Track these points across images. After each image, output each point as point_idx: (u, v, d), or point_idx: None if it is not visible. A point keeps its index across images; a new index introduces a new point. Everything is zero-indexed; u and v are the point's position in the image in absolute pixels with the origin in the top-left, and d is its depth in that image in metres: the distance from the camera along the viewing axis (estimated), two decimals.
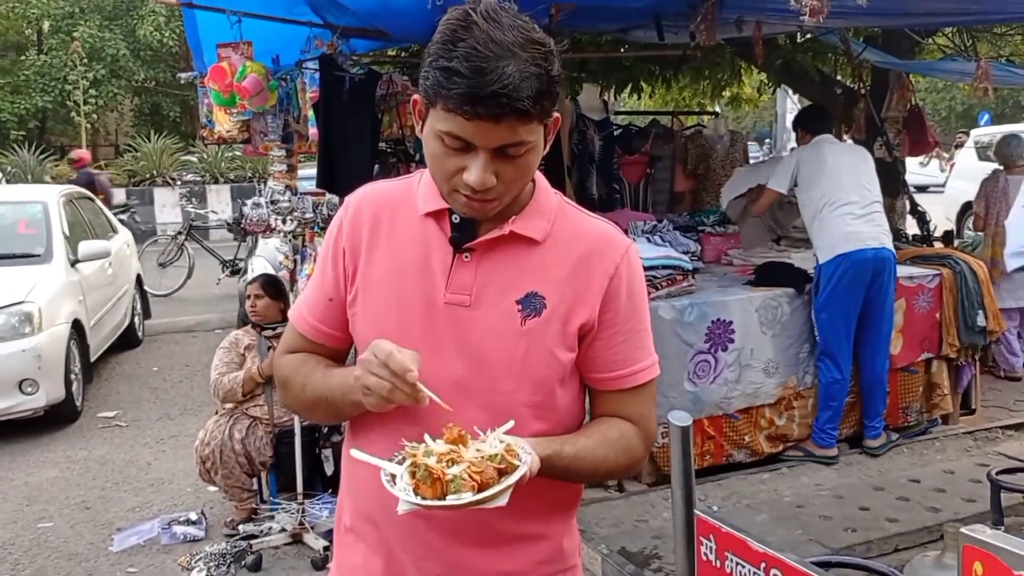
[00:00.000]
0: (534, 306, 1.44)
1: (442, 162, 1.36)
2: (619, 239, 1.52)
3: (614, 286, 1.47)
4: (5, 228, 7.29)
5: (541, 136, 1.38)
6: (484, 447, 1.29)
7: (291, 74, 5.63)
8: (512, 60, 1.26)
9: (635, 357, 1.51)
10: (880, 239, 4.71)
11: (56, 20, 20.86)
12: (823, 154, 4.87)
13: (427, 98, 1.34)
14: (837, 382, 4.74)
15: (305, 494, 4.29)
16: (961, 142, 16.57)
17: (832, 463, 4.77)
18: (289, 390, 1.59)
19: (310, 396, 1.53)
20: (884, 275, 4.71)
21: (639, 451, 1.53)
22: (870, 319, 4.78)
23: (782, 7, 4.01)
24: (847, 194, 4.72)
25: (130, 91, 22.44)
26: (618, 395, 1.52)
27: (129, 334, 8.36)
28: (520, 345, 1.43)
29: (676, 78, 8.34)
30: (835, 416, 4.81)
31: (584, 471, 1.48)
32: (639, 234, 5.24)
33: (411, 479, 1.27)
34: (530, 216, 1.47)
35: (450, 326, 1.44)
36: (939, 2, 4.98)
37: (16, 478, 5.24)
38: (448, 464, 1.26)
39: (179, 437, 5.83)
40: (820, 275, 4.73)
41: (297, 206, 4.46)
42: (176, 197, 17.46)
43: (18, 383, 5.76)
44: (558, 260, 1.46)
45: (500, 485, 1.25)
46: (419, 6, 4.18)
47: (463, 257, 1.45)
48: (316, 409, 1.57)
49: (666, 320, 4.43)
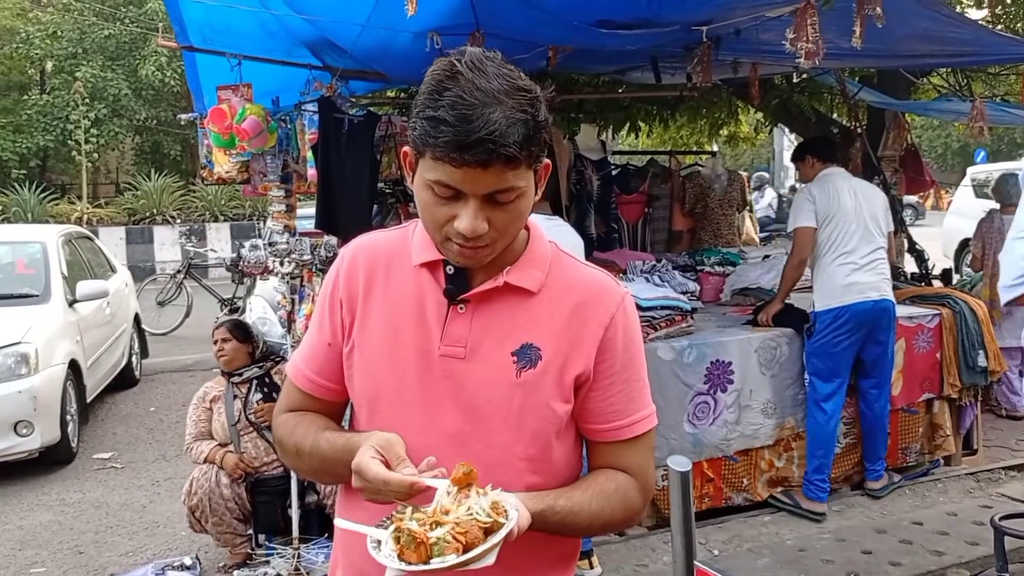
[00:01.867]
0: (529, 358, 1.43)
1: (433, 212, 1.36)
2: (614, 288, 1.51)
3: (609, 336, 1.46)
4: (3, 268, 7.30)
5: (531, 182, 1.38)
6: (471, 505, 1.27)
7: (290, 115, 5.66)
8: (498, 107, 1.27)
9: (632, 408, 1.49)
10: (880, 288, 4.66)
11: (59, 60, 21.04)
12: (838, 192, 4.73)
13: (416, 148, 1.35)
14: (823, 427, 4.63)
15: (300, 538, 4.24)
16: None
17: (818, 520, 4.60)
18: (285, 454, 1.61)
19: (307, 463, 1.54)
20: (884, 322, 4.67)
21: (637, 504, 1.51)
22: (871, 363, 4.74)
23: (778, 49, 4.04)
24: (852, 241, 4.64)
25: (131, 130, 22.56)
26: (615, 446, 1.50)
27: (126, 373, 8.32)
28: (516, 397, 1.42)
29: (673, 117, 8.38)
30: (823, 467, 4.66)
31: (579, 525, 1.45)
32: (638, 274, 5.24)
33: (396, 544, 1.24)
34: (524, 266, 1.46)
35: (445, 379, 1.43)
36: (934, 44, 5.01)
37: (9, 521, 5.18)
38: (432, 527, 1.24)
39: (174, 479, 5.77)
40: (816, 321, 4.67)
41: (295, 248, 4.46)
42: (176, 235, 17.50)
43: (13, 425, 5.71)
44: (553, 311, 1.45)
45: (485, 545, 1.23)
46: (418, 49, 4.22)
47: (458, 308, 1.44)
48: (316, 473, 1.60)
49: (665, 361, 4.42)
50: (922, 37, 4.78)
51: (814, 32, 3.71)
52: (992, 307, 5.86)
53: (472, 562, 1.22)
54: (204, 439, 4.34)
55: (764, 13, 4.19)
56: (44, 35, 20.83)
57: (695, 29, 4.38)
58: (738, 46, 4.78)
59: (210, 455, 4.23)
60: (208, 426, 4.37)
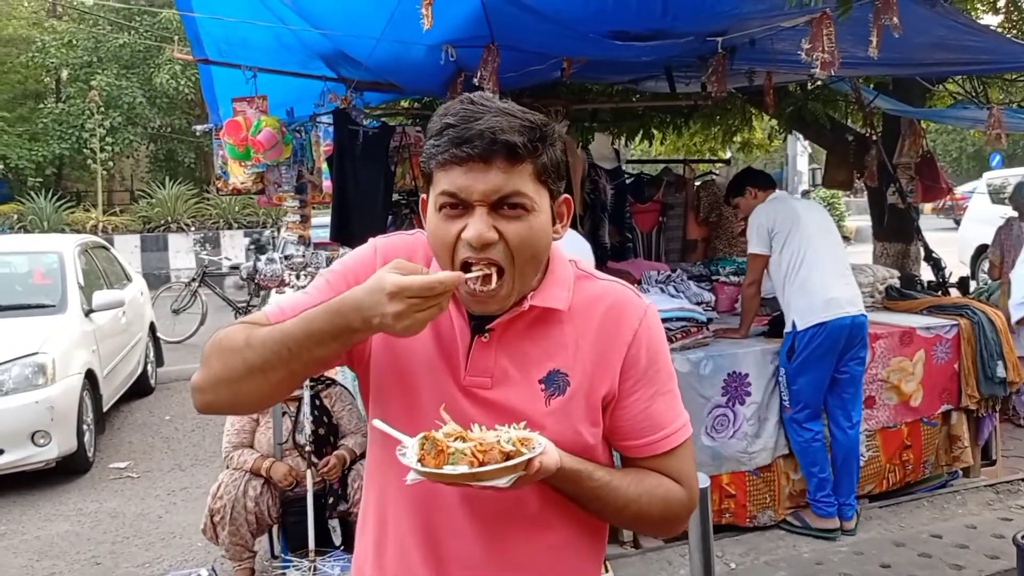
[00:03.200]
0: (557, 384, 1.41)
1: (443, 235, 1.34)
2: (636, 303, 1.48)
3: (632, 353, 1.44)
4: (21, 278, 7.35)
5: (545, 201, 1.37)
6: (501, 433, 1.30)
7: (305, 126, 5.69)
8: (503, 116, 1.31)
9: (664, 420, 1.47)
10: (856, 303, 4.53)
11: (75, 69, 21.23)
12: (790, 207, 4.64)
13: (426, 170, 1.37)
14: (811, 443, 4.50)
15: (317, 551, 4.24)
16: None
17: (831, 537, 4.50)
18: (222, 349, 1.38)
19: (249, 356, 1.34)
20: (858, 340, 4.52)
21: (678, 505, 1.47)
22: (844, 381, 4.56)
23: (793, 59, 4.03)
24: (822, 254, 4.52)
25: (146, 138, 22.74)
26: (651, 460, 1.48)
27: (142, 382, 8.36)
28: (546, 426, 1.39)
29: (687, 125, 8.37)
30: (823, 483, 4.52)
31: (615, 503, 1.42)
32: (652, 284, 5.23)
33: (419, 451, 1.28)
34: (549, 288, 1.44)
35: (471, 408, 1.41)
36: (950, 52, 4.98)
37: (27, 532, 5.20)
38: (456, 440, 1.28)
39: (190, 489, 5.79)
40: (795, 341, 4.50)
41: (311, 261, 4.48)
42: (190, 243, 17.59)
43: (30, 435, 5.75)
44: (577, 333, 1.44)
45: (500, 464, 1.24)
46: (432, 61, 4.23)
47: (482, 338, 1.42)
48: (255, 371, 1.33)
49: (682, 373, 4.39)
50: (939, 45, 4.75)
51: (830, 42, 3.69)
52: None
53: (484, 477, 1.24)
54: (245, 448, 4.33)
55: (779, 23, 4.18)
56: (60, 44, 21.04)
57: (710, 39, 4.37)
58: (753, 56, 4.76)
59: (255, 465, 4.21)
60: (250, 437, 4.34)
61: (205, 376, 1.39)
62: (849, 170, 7.43)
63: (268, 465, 4.18)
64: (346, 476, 4.30)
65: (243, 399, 1.39)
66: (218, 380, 1.38)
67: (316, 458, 4.23)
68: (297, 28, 4.68)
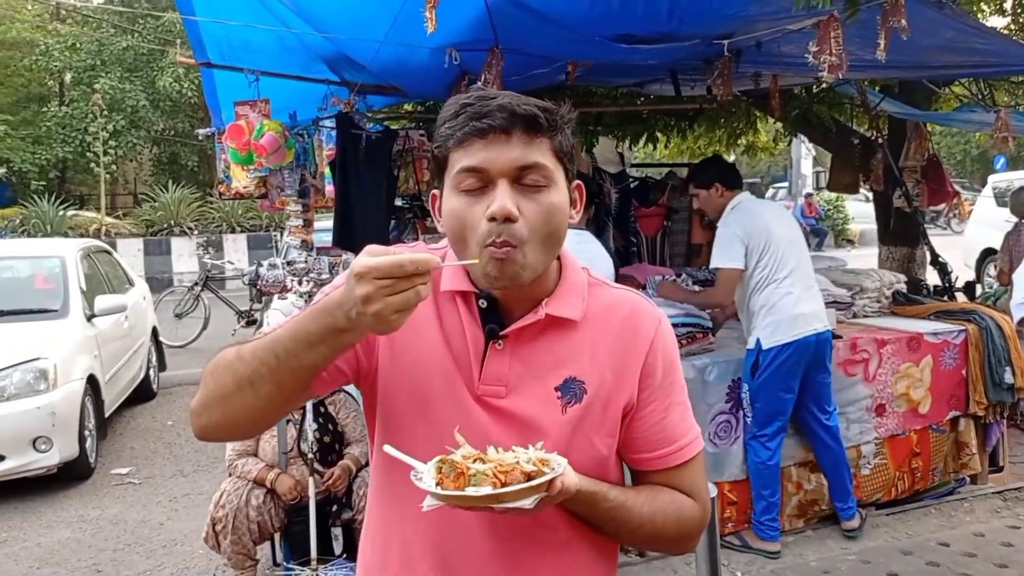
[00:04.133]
0: (574, 392, 1.38)
1: (466, 216, 1.31)
2: (651, 312, 1.47)
3: (650, 363, 1.42)
4: (23, 283, 7.32)
5: (563, 179, 1.36)
6: (519, 454, 1.27)
7: (308, 130, 5.66)
8: (516, 97, 1.34)
9: (678, 432, 1.45)
10: (821, 318, 4.38)
11: (78, 72, 21.27)
12: (763, 218, 4.41)
13: (441, 154, 1.36)
14: (767, 465, 4.37)
15: (319, 559, 4.20)
16: None
17: (774, 558, 4.38)
18: (215, 371, 1.34)
19: (239, 369, 1.29)
20: (823, 353, 4.39)
21: (692, 522, 1.45)
22: (817, 394, 4.45)
23: (800, 62, 3.99)
24: (788, 267, 4.34)
25: (149, 141, 22.76)
26: (664, 473, 1.45)
27: (144, 387, 8.32)
28: (562, 435, 1.37)
29: (692, 128, 8.33)
30: (771, 507, 4.40)
31: (630, 523, 1.40)
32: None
33: (437, 474, 1.24)
34: (563, 296, 1.42)
35: (485, 417, 1.38)
36: (958, 55, 4.95)
37: (28, 539, 5.17)
38: (475, 462, 1.24)
39: (192, 496, 5.76)
40: (759, 358, 4.35)
41: (313, 267, 4.45)
42: (193, 247, 17.58)
43: (32, 440, 5.71)
44: (594, 341, 1.41)
45: (524, 484, 1.21)
46: (436, 64, 4.21)
47: (496, 345, 1.39)
48: (244, 384, 1.28)
49: (687, 380, 4.33)
50: (946, 48, 4.72)
51: (837, 45, 3.67)
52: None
53: (507, 499, 1.20)
54: (249, 456, 4.29)
55: (786, 26, 4.15)
56: (63, 47, 21.08)
57: (716, 42, 4.35)
58: (759, 58, 4.73)
59: (259, 476, 4.15)
60: (255, 445, 4.29)
61: (199, 397, 1.36)
62: (855, 173, 7.39)
63: (273, 477, 4.13)
64: (351, 484, 4.27)
65: (234, 418, 1.32)
66: (210, 399, 1.33)
67: (322, 466, 4.19)
68: (300, 31, 4.65)
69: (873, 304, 5.56)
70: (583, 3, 3.87)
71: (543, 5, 3.78)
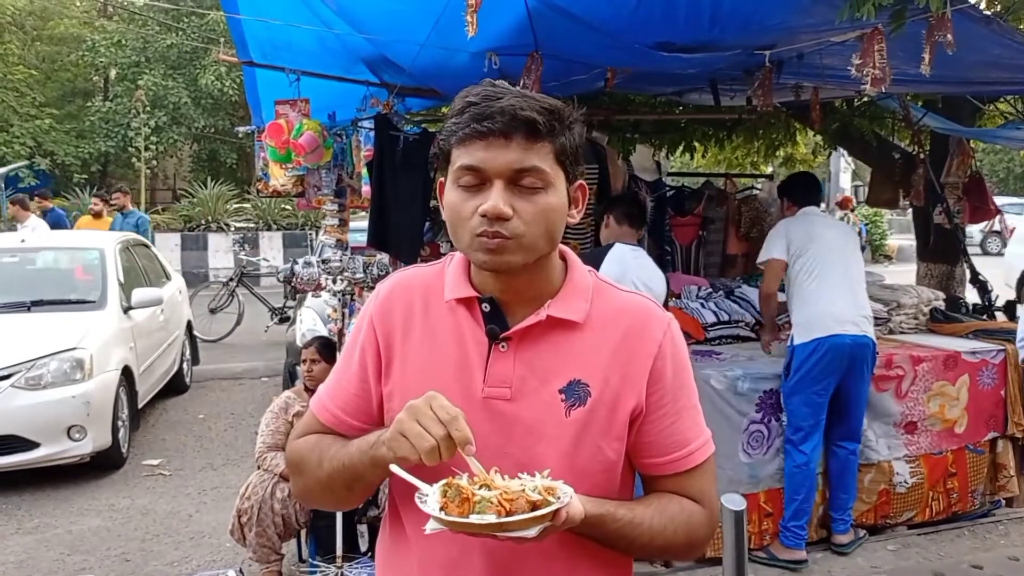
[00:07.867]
0: (578, 395, 1.38)
1: (460, 209, 1.35)
2: (659, 315, 1.46)
3: (658, 366, 1.41)
4: (63, 274, 7.45)
5: (562, 183, 1.36)
6: (526, 482, 1.25)
7: (346, 130, 5.69)
8: (523, 98, 1.33)
9: (688, 437, 1.44)
10: (860, 325, 4.38)
11: (123, 69, 21.58)
12: (812, 224, 4.61)
13: (445, 148, 1.37)
14: (802, 469, 4.36)
15: (344, 556, 4.22)
16: None
17: (799, 569, 4.36)
18: (303, 469, 1.49)
19: (326, 470, 1.43)
20: (861, 362, 4.37)
21: (702, 530, 1.45)
22: (842, 405, 4.43)
23: (842, 74, 3.95)
24: (831, 270, 4.43)
25: (189, 138, 23.02)
26: (675, 479, 1.44)
27: (177, 380, 8.42)
28: (566, 438, 1.37)
29: (730, 138, 8.27)
30: (800, 512, 4.38)
31: (639, 539, 1.39)
32: (693, 299, 5.16)
33: (442, 497, 1.24)
34: (567, 298, 1.42)
35: (491, 421, 1.38)
36: (1004, 71, 4.86)
37: (59, 525, 5.25)
38: (481, 488, 1.23)
39: (220, 489, 5.81)
40: (793, 356, 4.40)
41: (348, 266, 4.47)
42: (229, 243, 17.75)
43: (66, 429, 5.81)
44: (599, 344, 1.41)
45: (529, 514, 1.20)
46: (475, 68, 4.21)
47: (499, 347, 1.40)
48: (332, 485, 1.44)
49: (718, 390, 4.33)
50: (993, 64, 4.64)
51: (881, 58, 3.61)
52: None
53: (511, 528, 1.19)
54: (279, 451, 4.32)
55: (829, 38, 4.10)
56: (109, 44, 21.39)
57: (757, 53, 4.31)
58: (801, 70, 4.69)
59: (286, 470, 4.20)
60: (284, 439, 4.32)
61: (298, 488, 1.56)
62: (894, 188, 7.29)
63: None
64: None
65: (335, 503, 1.59)
66: (309, 491, 1.53)
67: None
68: (341, 32, 4.68)
69: (910, 320, 5.48)
70: (625, 9, 3.84)
71: (584, 11, 3.77)
